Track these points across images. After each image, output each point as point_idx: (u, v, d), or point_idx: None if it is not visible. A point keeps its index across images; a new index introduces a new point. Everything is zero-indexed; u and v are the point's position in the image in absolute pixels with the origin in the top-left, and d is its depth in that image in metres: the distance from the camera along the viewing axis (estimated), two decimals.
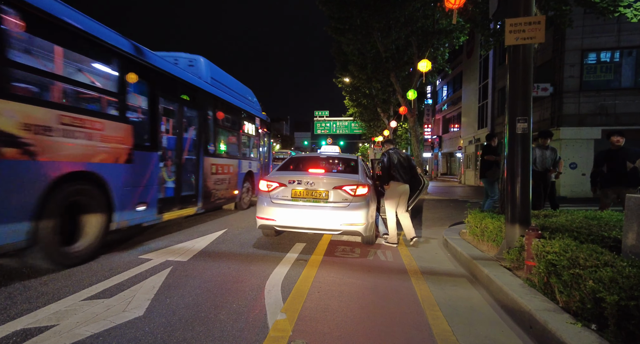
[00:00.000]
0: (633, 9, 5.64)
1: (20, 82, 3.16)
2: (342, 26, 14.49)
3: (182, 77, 5.84)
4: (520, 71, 3.72)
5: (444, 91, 37.06)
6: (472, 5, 7.10)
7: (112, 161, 4.10)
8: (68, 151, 3.48)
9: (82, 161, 3.66)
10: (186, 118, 6.27)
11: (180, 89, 5.86)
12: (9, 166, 2.94)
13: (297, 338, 2.25)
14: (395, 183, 5.02)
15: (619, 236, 3.15)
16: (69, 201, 3.57)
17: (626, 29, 13.60)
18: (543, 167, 6.04)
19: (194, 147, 6.33)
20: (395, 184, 5.02)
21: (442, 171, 39.46)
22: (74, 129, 3.55)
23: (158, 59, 5.19)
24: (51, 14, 3.35)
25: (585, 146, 14.20)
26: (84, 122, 3.69)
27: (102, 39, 3.99)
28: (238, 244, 4.83)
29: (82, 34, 3.73)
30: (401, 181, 5.01)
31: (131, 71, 4.52)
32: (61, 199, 3.44)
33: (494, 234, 4.22)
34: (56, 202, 3.37)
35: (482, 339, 2.33)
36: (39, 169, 3.18)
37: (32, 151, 3.10)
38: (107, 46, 4.08)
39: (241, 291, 3.05)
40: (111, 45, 4.13)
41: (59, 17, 3.44)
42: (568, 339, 1.99)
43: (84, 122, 3.70)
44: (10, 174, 2.95)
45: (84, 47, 3.88)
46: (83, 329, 2.24)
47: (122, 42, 4.36)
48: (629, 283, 2.00)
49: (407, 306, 2.86)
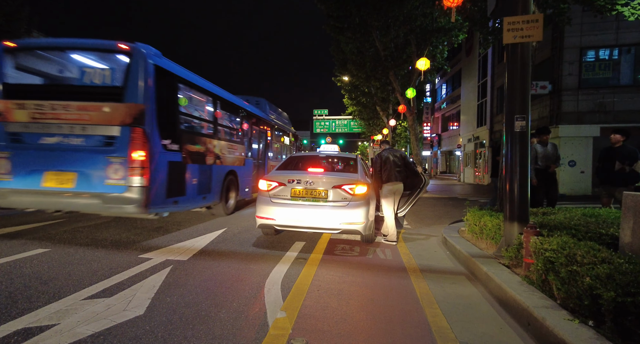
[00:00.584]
0: (630, 8, 5.65)
1: (225, 134, 7.31)
2: (341, 25, 14.48)
3: (260, 114, 9.84)
4: (518, 70, 3.73)
5: (443, 89, 37.05)
6: (470, 3, 7.10)
7: (239, 165, 7.89)
8: (229, 161, 7.27)
9: (232, 165, 7.42)
10: (259, 138, 9.87)
11: (258, 121, 9.58)
12: (217, 168, 6.63)
13: (297, 336, 2.26)
14: (388, 183, 5.11)
15: (616, 234, 3.17)
16: (227, 184, 7.15)
17: (625, 27, 13.61)
18: (545, 163, 6.11)
19: (262, 155, 10.03)
20: (388, 184, 5.12)
21: (442, 169, 39.50)
22: (231, 150, 7.41)
23: (255, 108, 9.48)
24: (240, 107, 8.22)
25: (584, 144, 14.23)
26: (232, 146, 7.55)
27: (245, 109, 8.49)
28: (238, 243, 4.85)
29: (239, 108, 8.16)
30: (394, 180, 5.11)
31: (245, 117, 8.52)
32: (227, 182, 7.12)
33: (492, 232, 4.24)
34: (226, 183, 7.07)
35: (480, 336, 2.34)
36: (223, 169, 6.98)
37: (222, 161, 6.90)
38: (244, 110, 8.39)
39: (241, 290, 3.06)
40: (245, 109, 8.47)
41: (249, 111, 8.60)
42: (565, 336, 2.00)
43: (232, 146, 7.56)
44: (216, 171, 6.57)
45: (235, 111, 7.99)
46: (84, 328, 2.25)
47: (253, 110, 9.11)
48: (626, 280, 2.02)
49: (406, 303, 2.88)
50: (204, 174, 6.11)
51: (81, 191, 4.57)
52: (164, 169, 4.94)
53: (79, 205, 4.64)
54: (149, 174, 4.60)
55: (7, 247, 4.20)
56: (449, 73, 32.36)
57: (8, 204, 4.76)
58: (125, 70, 4.69)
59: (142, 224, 5.95)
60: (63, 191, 4.59)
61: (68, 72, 5.42)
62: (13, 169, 4.71)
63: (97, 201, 4.54)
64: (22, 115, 4.69)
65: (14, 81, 4.92)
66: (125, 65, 4.72)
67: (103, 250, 4.21)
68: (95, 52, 5.08)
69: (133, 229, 5.51)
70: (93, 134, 4.62)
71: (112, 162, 4.56)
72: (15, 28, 17.57)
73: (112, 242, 4.61)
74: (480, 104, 24.31)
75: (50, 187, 4.61)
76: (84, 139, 4.63)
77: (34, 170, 4.66)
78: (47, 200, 4.67)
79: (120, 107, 4.58)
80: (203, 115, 6.87)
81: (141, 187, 4.51)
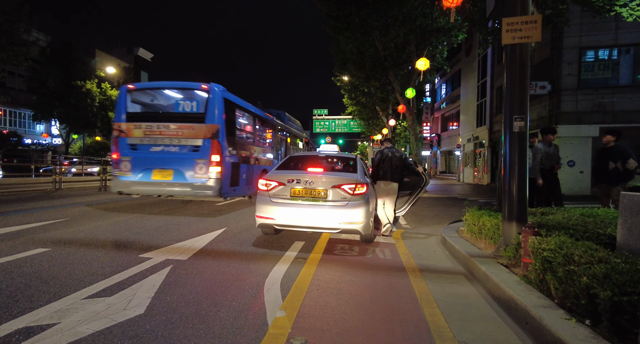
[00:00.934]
0: (628, 9, 5.67)
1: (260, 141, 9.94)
2: (341, 24, 14.47)
3: (281, 124, 12.36)
4: (517, 70, 3.75)
5: (443, 89, 37.07)
6: (469, 4, 7.11)
7: (269, 164, 10.01)
8: (263, 162, 9.61)
9: (265, 165, 9.65)
10: (281, 142, 12.51)
11: (280, 129, 12.18)
12: (256, 167, 8.97)
13: (297, 335, 2.28)
14: (383, 181, 5.24)
15: (614, 233, 3.19)
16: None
17: (624, 27, 13.63)
18: (549, 164, 6.17)
19: (284, 156, 12.08)
20: (382, 182, 5.25)
21: (441, 169, 39.52)
22: (264, 153, 9.90)
23: (277, 120, 11.95)
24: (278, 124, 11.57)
25: (583, 144, 14.26)
26: (265, 150, 9.99)
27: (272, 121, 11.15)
28: (237, 243, 4.86)
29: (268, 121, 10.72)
30: (388, 179, 5.21)
31: (272, 127, 11.12)
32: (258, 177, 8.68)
33: (491, 232, 4.26)
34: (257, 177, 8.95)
35: (478, 335, 2.36)
36: (260, 168, 9.21)
37: (259, 162, 9.31)
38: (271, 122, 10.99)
39: (241, 289, 3.08)
40: (272, 122, 11.09)
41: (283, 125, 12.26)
42: (562, 335, 2.02)
43: (265, 150, 9.98)
44: (255, 169, 8.88)
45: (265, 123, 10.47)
46: (84, 327, 2.27)
47: (277, 122, 11.69)
48: (622, 279, 2.04)
49: (405, 303, 2.90)
50: (249, 171, 8.53)
51: (177, 182, 6.91)
52: (228, 168, 7.18)
53: (175, 191, 6.96)
54: (222, 171, 6.84)
55: (7, 246, 4.21)
56: (448, 73, 32.36)
57: (130, 191, 7.19)
58: (205, 102, 7.08)
59: (142, 224, 5.97)
60: (165, 182, 6.94)
61: (168, 103, 7.95)
62: (132, 168, 7.11)
63: (188, 189, 6.88)
64: (138, 132, 7.19)
65: (132, 110, 7.52)
66: (205, 98, 7.11)
67: (103, 250, 4.22)
68: (186, 91, 7.55)
69: (133, 229, 5.52)
70: (185, 145, 6.98)
71: (197, 162, 6.87)
72: (15, 27, 17.54)
73: (112, 242, 4.63)
74: (479, 104, 24.33)
75: (156, 179, 6.99)
76: (179, 148, 7.00)
77: (146, 168, 7.07)
78: (155, 188, 7.03)
79: (203, 127, 6.97)
80: (248, 128, 9.19)
81: (217, 179, 6.78)
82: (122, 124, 7.29)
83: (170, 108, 7.75)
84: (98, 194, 11.35)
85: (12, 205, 7.96)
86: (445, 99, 35.89)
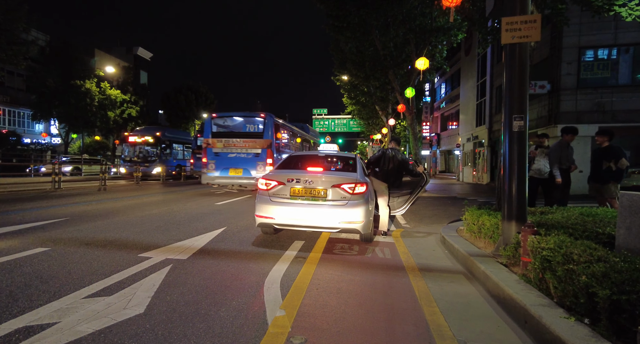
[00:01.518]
0: (628, 8, 5.67)
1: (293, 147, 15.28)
2: (340, 24, 14.45)
3: (304, 133, 18.06)
4: (516, 70, 3.75)
5: (442, 89, 37.08)
6: (469, 3, 7.11)
7: None
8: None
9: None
10: (305, 147, 17.43)
11: (304, 137, 17.38)
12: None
13: (296, 334, 2.28)
14: (374, 180, 5.46)
15: (612, 233, 3.20)
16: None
17: (623, 27, 13.64)
18: (567, 164, 6.27)
19: None
20: (374, 181, 5.47)
21: (441, 169, 39.54)
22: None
23: (301, 131, 17.66)
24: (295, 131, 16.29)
25: (583, 143, 14.25)
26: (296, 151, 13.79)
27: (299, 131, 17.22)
28: (237, 242, 4.86)
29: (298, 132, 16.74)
30: (380, 179, 5.31)
31: (300, 137, 16.63)
32: None
33: (490, 231, 4.27)
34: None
35: (478, 334, 2.37)
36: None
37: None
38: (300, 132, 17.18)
39: (241, 288, 3.08)
40: (300, 132, 17.34)
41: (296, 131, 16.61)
42: (561, 333, 2.03)
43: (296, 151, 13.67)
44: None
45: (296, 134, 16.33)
46: (84, 327, 2.27)
47: (302, 133, 17.91)
48: (621, 278, 2.04)
49: (405, 302, 2.90)
50: None
51: (245, 176, 11.38)
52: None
53: (244, 183, 11.52)
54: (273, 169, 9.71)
55: (7, 246, 4.21)
56: (448, 72, 32.39)
57: (214, 183, 11.82)
58: (263, 124, 11.81)
59: (141, 224, 5.97)
60: (237, 177, 11.45)
61: (238, 125, 12.59)
62: (216, 168, 11.57)
63: (252, 181, 11.12)
64: (220, 145, 11.67)
65: (215, 130, 12.04)
66: (263, 122, 11.87)
67: (103, 249, 4.22)
68: (250, 117, 12.39)
69: (133, 229, 5.52)
70: (250, 152, 11.46)
71: (258, 164, 11.32)
72: (14, 27, 17.49)
73: (112, 242, 4.63)
74: (479, 103, 24.34)
75: (232, 175, 11.44)
76: (246, 154, 11.46)
77: (225, 168, 11.50)
78: (230, 181, 11.55)
79: (261, 141, 11.49)
80: (285, 138, 13.24)
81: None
82: (209, 140, 11.77)
83: (240, 128, 12.52)
84: (97, 194, 11.34)
85: (12, 205, 7.96)
86: (444, 98, 35.90)
